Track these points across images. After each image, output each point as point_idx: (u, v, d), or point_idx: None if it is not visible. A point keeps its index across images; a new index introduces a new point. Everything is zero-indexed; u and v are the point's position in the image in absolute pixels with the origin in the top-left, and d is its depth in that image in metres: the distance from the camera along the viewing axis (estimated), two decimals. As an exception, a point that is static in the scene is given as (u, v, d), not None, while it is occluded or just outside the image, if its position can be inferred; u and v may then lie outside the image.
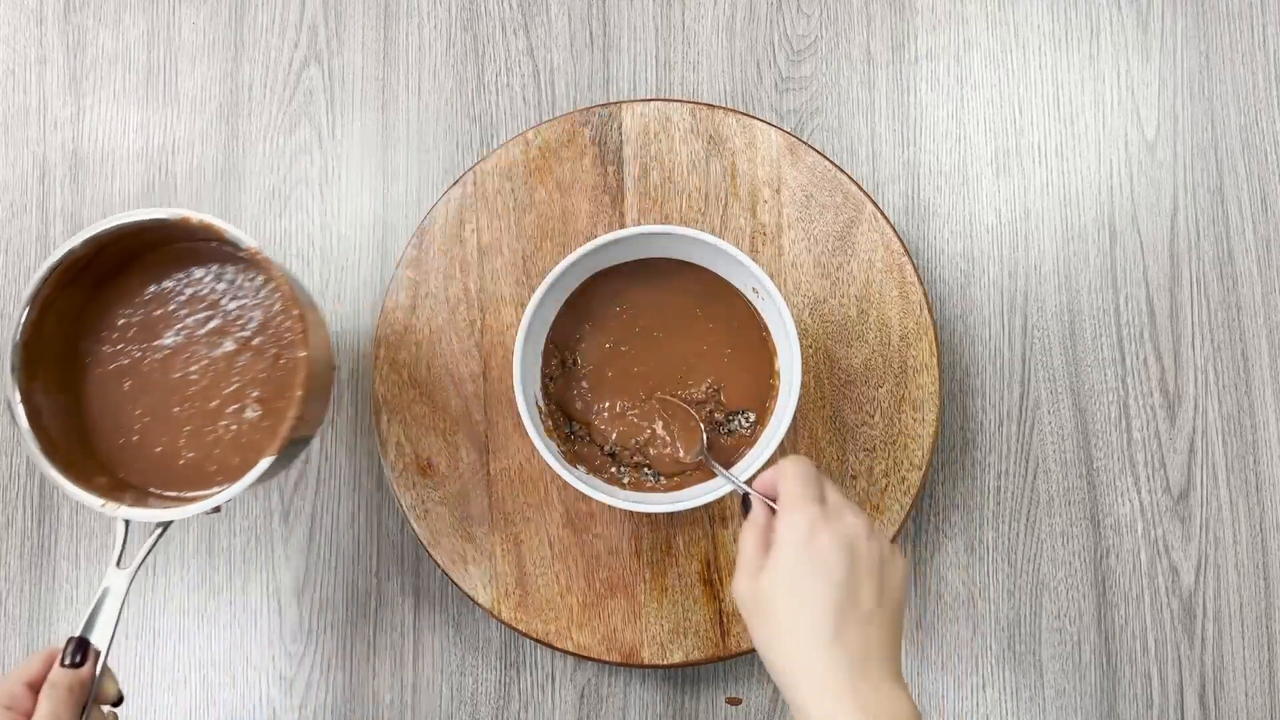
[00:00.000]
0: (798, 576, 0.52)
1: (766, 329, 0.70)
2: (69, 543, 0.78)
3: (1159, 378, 0.76)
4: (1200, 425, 0.75)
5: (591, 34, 0.81)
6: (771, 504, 0.57)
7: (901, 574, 0.54)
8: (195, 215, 0.61)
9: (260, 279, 0.65)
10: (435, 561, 0.73)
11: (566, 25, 0.81)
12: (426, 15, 0.81)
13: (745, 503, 0.59)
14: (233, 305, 0.65)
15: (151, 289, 0.65)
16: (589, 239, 0.75)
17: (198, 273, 0.66)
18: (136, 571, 0.61)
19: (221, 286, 0.66)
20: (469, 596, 0.72)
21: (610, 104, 0.76)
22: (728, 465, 0.68)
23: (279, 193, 0.80)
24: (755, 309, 0.70)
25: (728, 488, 0.64)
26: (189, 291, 0.66)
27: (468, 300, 0.75)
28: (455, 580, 0.72)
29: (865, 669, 0.50)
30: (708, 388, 0.70)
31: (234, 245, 0.63)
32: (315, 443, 0.78)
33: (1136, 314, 0.76)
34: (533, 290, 0.74)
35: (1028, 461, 0.76)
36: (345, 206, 0.80)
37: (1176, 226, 0.77)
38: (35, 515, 0.79)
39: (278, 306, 0.65)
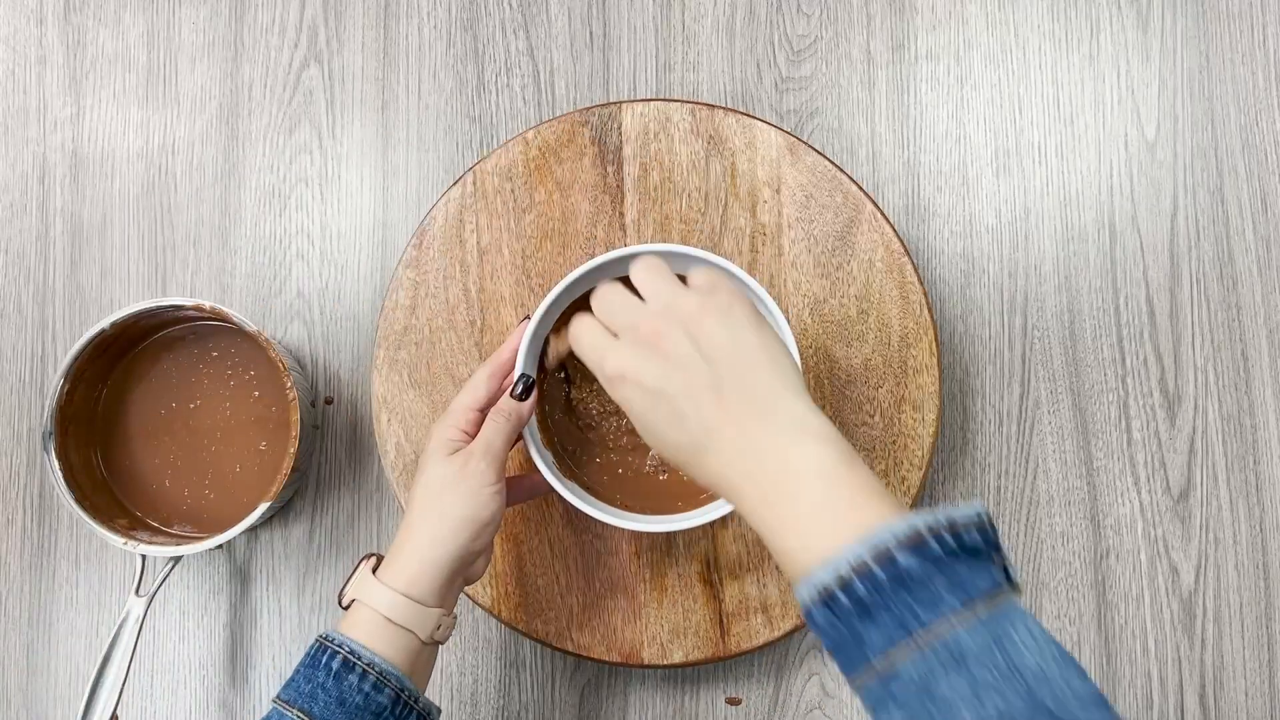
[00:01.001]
0: (632, 417, 0.52)
1: None
2: (69, 543, 0.78)
3: (1159, 378, 0.76)
4: (1200, 425, 0.75)
5: (591, 34, 0.81)
6: None
7: (721, 322, 0.50)
8: (208, 303, 0.71)
9: (261, 352, 0.74)
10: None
11: (566, 25, 0.81)
12: (426, 15, 0.81)
13: None
14: (241, 372, 0.76)
15: (167, 358, 0.76)
16: (589, 239, 0.75)
17: (211, 344, 0.76)
18: (153, 598, 0.71)
19: (232, 354, 0.76)
20: (469, 596, 0.72)
21: (610, 104, 0.76)
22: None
23: (279, 192, 0.80)
24: None
25: (728, 508, 0.64)
26: (206, 360, 0.76)
27: (468, 300, 0.75)
28: (455, 580, 0.72)
29: (752, 432, 0.47)
30: None
31: (239, 326, 0.71)
32: (315, 443, 0.78)
33: (1136, 314, 0.76)
34: (532, 291, 0.74)
35: (1028, 461, 0.76)
36: (345, 206, 0.80)
37: (1176, 226, 0.77)
38: (35, 515, 0.79)
39: (276, 374, 0.74)
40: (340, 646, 0.56)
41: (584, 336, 0.55)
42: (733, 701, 0.74)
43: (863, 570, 0.42)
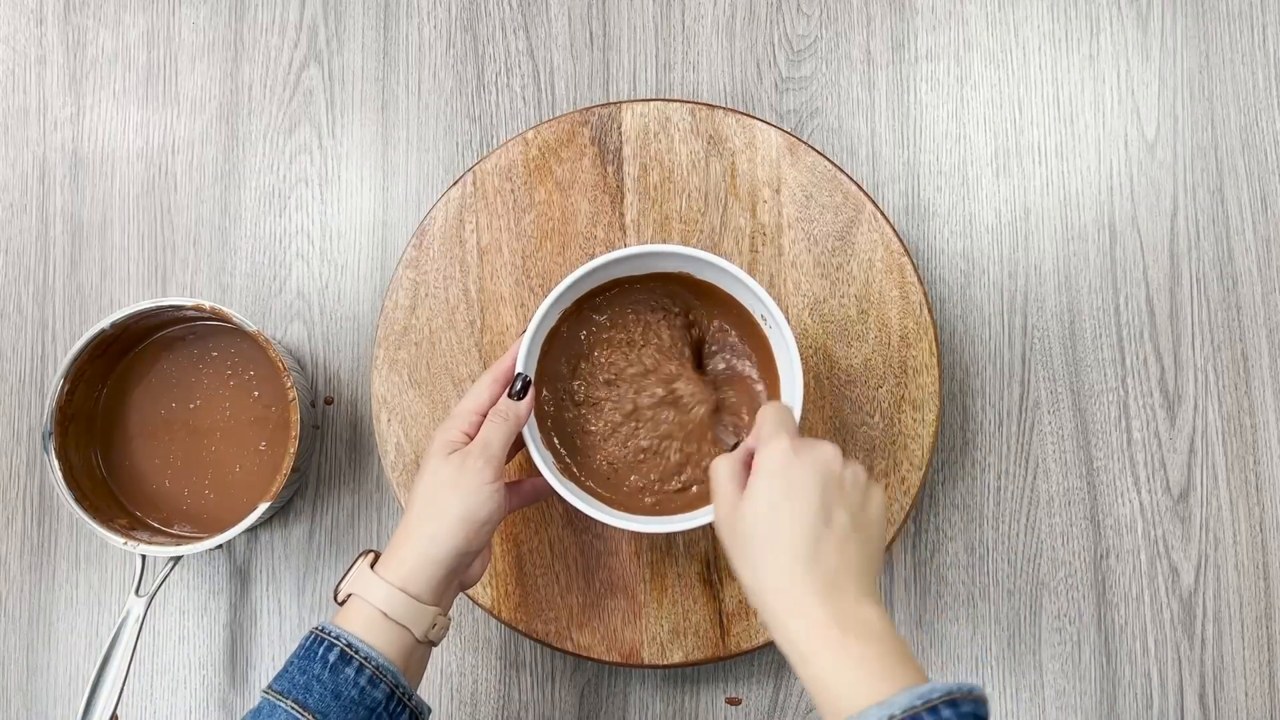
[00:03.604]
0: (775, 502, 0.55)
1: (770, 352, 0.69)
2: (69, 543, 0.78)
3: (1159, 378, 0.76)
4: (1200, 425, 0.75)
5: (591, 34, 0.81)
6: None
7: (878, 500, 0.57)
8: (208, 303, 0.71)
9: (261, 351, 0.74)
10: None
11: (566, 25, 0.81)
12: (426, 15, 0.81)
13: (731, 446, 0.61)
14: (241, 372, 0.76)
15: (167, 358, 0.76)
16: (589, 239, 0.75)
17: (211, 344, 0.76)
18: (153, 598, 0.71)
19: (232, 354, 0.76)
20: (469, 596, 0.72)
21: (610, 104, 0.76)
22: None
23: (279, 192, 0.80)
24: (764, 333, 0.68)
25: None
26: (206, 360, 0.76)
27: (468, 300, 0.75)
28: (455, 580, 0.72)
29: (840, 586, 0.52)
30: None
31: (239, 326, 0.72)
32: (315, 443, 0.78)
33: (1136, 314, 0.76)
34: (532, 291, 0.74)
35: (1028, 461, 0.76)
36: (345, 206, 0.80)
37: (1176, 226, 0.77)
38: (35, 515, 0.79)
39: (276, 374, 0.74)
40: (337, 639, 0.56)
41: (776, 420, 0.59)
42: (733, 701, 0.74)
43: (914, 715, 0.48)
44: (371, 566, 0.59)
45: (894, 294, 0.73)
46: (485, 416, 0.62)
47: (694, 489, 0.69)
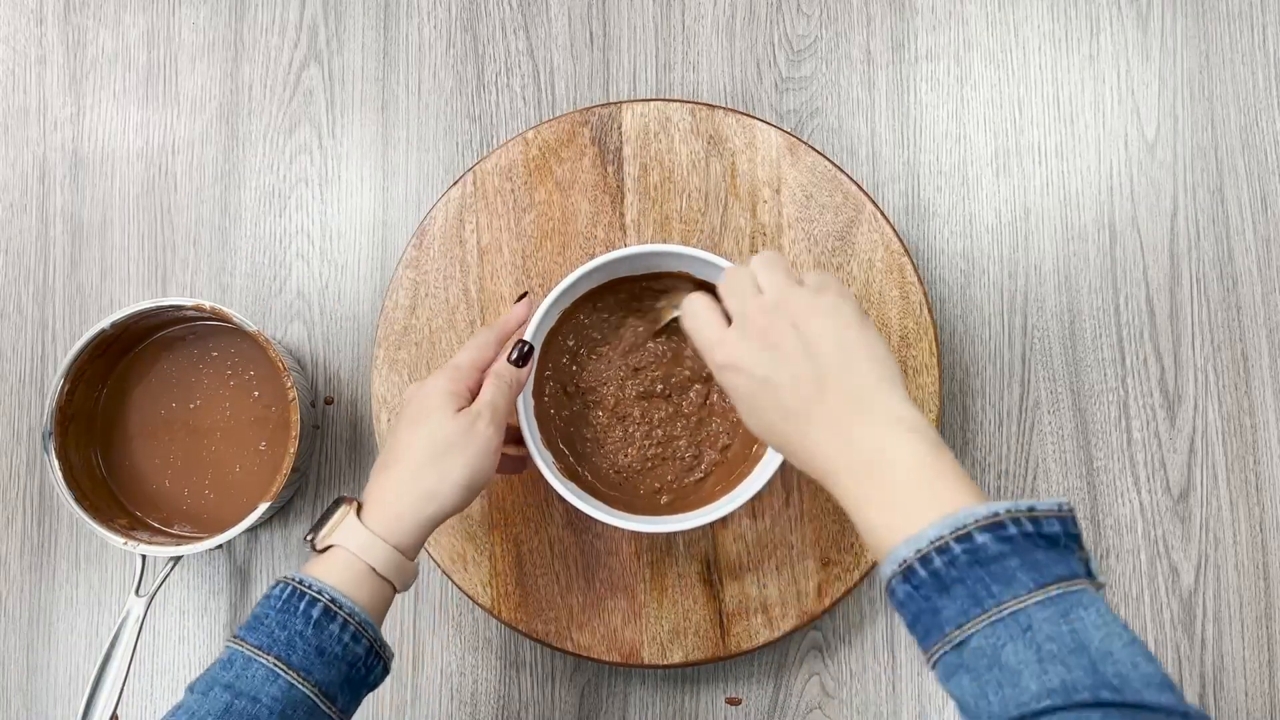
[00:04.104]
0: (737, 400, 0.54)
1: None
2: (69, 543, 0.78)
3: (1159, 378, 0.76)
4: (1200, 425, 0.75)
5: (591, 34, 0.81)
6: None
7: (830, 320, 0.52)
8: (208, 303, 0.71)
9: (261, 351, 0.73)
10: (435, 561, 0.73)
11: (566, 25, 0.81)
12: (426, 15, 0.81)
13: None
14: (241, 372, 0.75)
15: (167, 358, 0.76)
16: (589, 239, 0.75)
17: (211, 344, 0.76)
18: (153, 598, 0.71)
19: (232, 354, 0.76)
20: (469, 596, 0.72)
21: (610, 104, 0.76)
22: (731, 485, 0.68)
23: (279, 192, 0.80)
24: None
25: (726, 509, 0.64)
26: (206, 360, 0.76)
27: (468, 300, 0.75)
28: (455, 580, 0.72)
29: (843, 423, 0.50)
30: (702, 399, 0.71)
31: (239, 326, 0.71)
32: (315, 443, 0.78)
33: (1136, 314, 0.76)
34: (533, 291, 0.74)
35: (1028, 461, 0.76)
36: (345, 206, 0.80)
37: (1176, 226, 0.77)
38: (35, 515, 0.79)
39: (276, 374, 0.74)
40: (320, 593, 0.54)
41: (698, 319, 0.57)
42: (733, 701, 0.74)
43: (942, 546, 0.44)
44: (357, 515, 0.57)
45: (894, 294, 0.73)
46: (484, 374, 0.61)
47: (712, 477, 0.70)
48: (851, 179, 0.74)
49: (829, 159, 0.74)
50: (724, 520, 0.72)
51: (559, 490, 0.64)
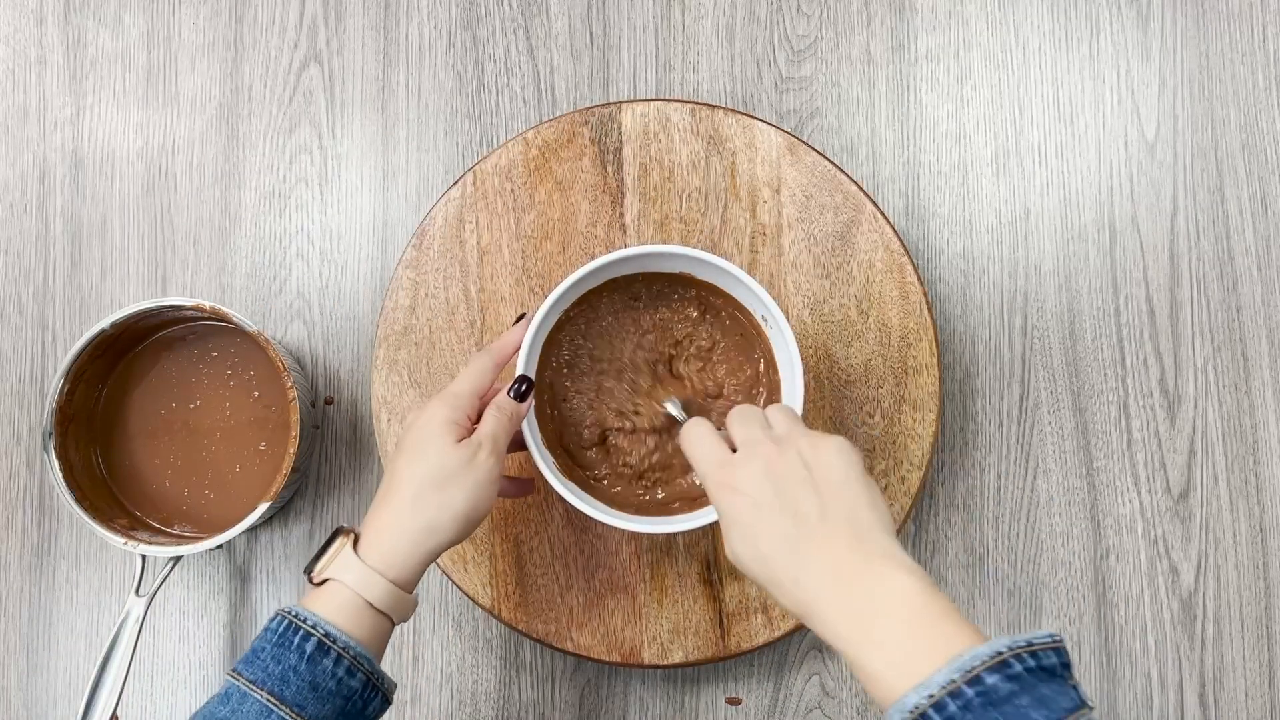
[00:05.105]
0: (730, 524, 0.53)
1: (773, 360, 0.69)
2: (69, 543, 0.78)
3: (1159, 378, 0.76)
4: (1200, 425, 0.75)
5: (591, 34, 0.81)
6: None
7: (836, 457, 0.53)
8: (208, 303, 0.71)
9: (261, 351, 0.74)
10: (435, 562, 0.73)
11: (566, 25, 0.81)
12: (426, 15, 0.81)
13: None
14: (241, 372, 0.75)
15: (167, 358, 0.76)
16: (589, 239, 0.75)
17: (211, 344, 0.76)
18: (153, 598, 0.71)
19: (232, 354, 0.76)
20: (469, 596, 0.72)
21: (610, 104, 0.76)
22: None
23: (279, 192, 0.80)
24: (764, 333, 0.68)
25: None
26: (206, 360, 0.76)
27: (468, 300, 0.75)
28: (455, 580, 0.72)
29: (843, 571, 0.50)
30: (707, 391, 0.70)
31: (239, 326, 0.71)
32: (315, 443, 0.78)
33: (1136, 314, 0.76)
34: (532, 291, 0.74)
35: (1028, 461, 0.76)
36: (345, 206, 0.80)
37: (1176, 226, 0.77)
38: (35, 515, 0.79)
39: (276, 374, 0.74)
40: (314, 628, 0.54)
41: (701, 443, 0.57)
42: (733, 701, 0.74)
43: (954, 691, 0.44)
44: (354, 547, 0.57)
45: (894, 294, 0.73)
46: (483, 401, 0.61)
47: None
48: (851, 179, 0.74)
49: (829, 159, 0.74)
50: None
51: (559, 490, 0.64)
